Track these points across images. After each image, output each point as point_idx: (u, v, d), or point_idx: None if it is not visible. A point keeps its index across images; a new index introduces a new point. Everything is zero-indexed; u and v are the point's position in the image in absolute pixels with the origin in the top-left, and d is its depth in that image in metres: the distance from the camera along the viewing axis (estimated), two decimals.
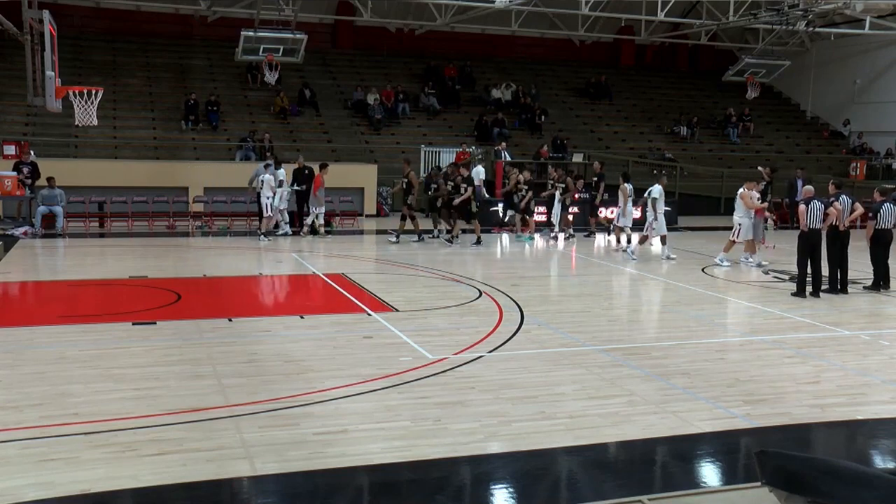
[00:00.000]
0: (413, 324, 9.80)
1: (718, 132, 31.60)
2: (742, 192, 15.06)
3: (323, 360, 8.16)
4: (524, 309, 10.78)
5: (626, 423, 6.54)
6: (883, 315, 11.24)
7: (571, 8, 26.25)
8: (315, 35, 27.05)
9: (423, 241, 17.53)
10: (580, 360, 8.36)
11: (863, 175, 28.79)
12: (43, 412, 6.44)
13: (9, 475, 5.29)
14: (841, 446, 6.72)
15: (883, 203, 12.53)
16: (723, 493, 4.69)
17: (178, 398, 6.85)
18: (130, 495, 5.15)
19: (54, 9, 15.95)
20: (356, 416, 6.53)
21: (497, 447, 6.08)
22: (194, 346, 8.63)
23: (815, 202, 12.09)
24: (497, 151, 24.23)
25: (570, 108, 31.17)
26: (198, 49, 29.30)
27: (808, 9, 23.75)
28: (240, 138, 24.73)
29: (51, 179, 17.88)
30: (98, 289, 12.12)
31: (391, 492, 5.37)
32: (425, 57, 30.92)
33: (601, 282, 13.53)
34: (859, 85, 31.74)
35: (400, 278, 13.30)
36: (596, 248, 18.39)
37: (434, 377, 7.60)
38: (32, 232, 17.49)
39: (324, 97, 28.18)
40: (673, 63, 35.68)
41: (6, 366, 7.74)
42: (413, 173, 17.97)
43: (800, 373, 8.14)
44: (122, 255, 15.19)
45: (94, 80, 22.72)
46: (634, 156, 27.43)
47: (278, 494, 5.35)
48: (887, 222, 12.47)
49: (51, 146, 22.83)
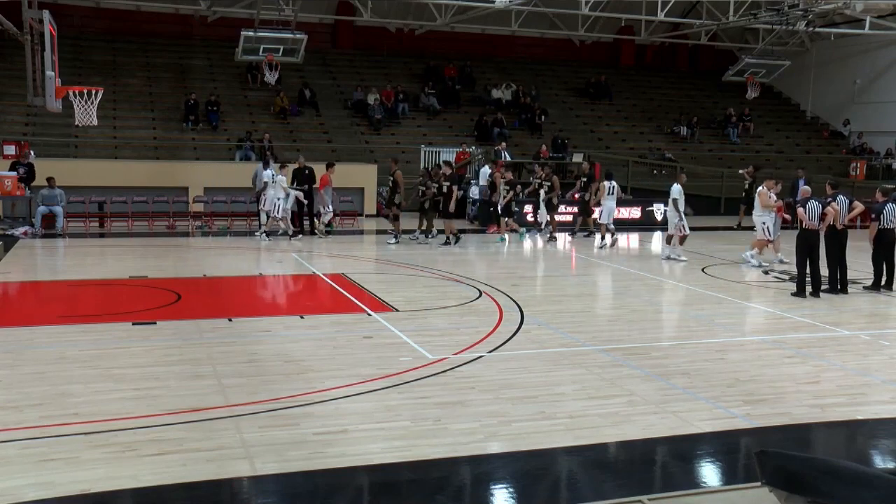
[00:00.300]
0: (413, 324, 9.80)
1: (718, 132, 31.60)
2: (760, 191, 15.32)
3: (323, 360, 8.16)
4: (524, 309, 10.78)
5: (626, 423, 6.54)
6: (883, 315, 11.24)
7: (571, 8, 26.25)
8: (315, 35, 27.05)
9: (398, 242, 17.17)
10: (580, 360, 8.36)
11: (863, 175, 28.79)
12: (43, 412, 6.44)
13: (9, 475, 5.29)
14: (841, 446, 6.72)
15: (886, 203, 12.57)
16: (723, 493, 4.70)
17: (178, 398, 6.85)
18: (130, 495, 5.15)
19: (54, 9, 15.95)
20: (356, 416, 6.53)
21: (497, 447, 6.08)
22: (194, 346, 8.63)
23: (811, 202, 12.16)
24: (497, 151, 24.23)
25: (570, 108, 31.17)
26: (198, 49, 29.30)
27: (808, 9, 23.75)
28: (238, 139, 24.72)
29: (51, 179, 17.87)
30: (98, 289, 12.12)
31: (391, 492, 5.37)
32: (425, 57, 30.92)
33: (601, 282, 13.53)
34: (859, 85, 31.74)
35: (400, 278, 13.30)
36: (596, 249, 18.39)
37: (434, 377, 7.60)
38: (32, 232, 17.49)
39: (324, 97, 28.17)
40: (673, 63, 35.67)
41: (6, 366, 7.74)
42: (399, 173, 17.98)
43: (800, 373, 8.14)
44: (122, 255, 15.19)
45: (94, 80, 22.71)
46: (634, 156, 27.43)
47: (278, 494, 5.35)
48: (890, 222, 12.49)
49: (51, 146, 22.82)
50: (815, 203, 12.14)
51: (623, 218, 22.24)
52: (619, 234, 18.20)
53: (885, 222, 12.48)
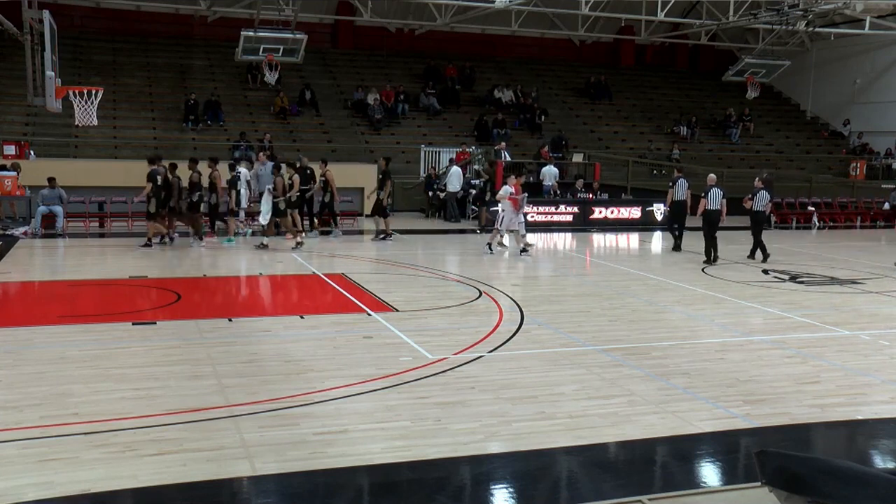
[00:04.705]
0: (413, 324, 9.79)
1: (718, 132, 31.61)
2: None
3: (323, 360, 8.16)
4: (524, 309, 10.78)
5: (626, 423, 6.54)
6: (883, 315, 11.24)
7: (571, 8, 26.27)
8: (315, 35, 27.07)
9: (301, 246, 16.39)
10: (580, 360, 8.36)
11: (863, 175, 28.81)
12: (43, 412, 6.44)
13: (9, 475, 5.29)
14: (841, 446, 6.71)
15: (759, 191, 16.06)
16: (723, 493, 4.68)
17: (178, 398, 6.85)
18: (130, 495, 5.15)
19: (54, 9, 15.98)
20: (356, 416, 6.53)
21: (497, 447, 6.08)
22: (194, 346, 8.63)
23: (714, 189, 15.64)
24: (497, 151, 24.25)
25: (570, 108, 31.17)
26: (198, 49, 29.31)
27: (808, 9, 23.76)
28: (234, 140, 24.68)
29: (51, 179, 17.85)
30: (98, 289, 12.12)
31: (391, 492, 5.36)
32: (425, 57, 30.92)
33: (601, 282, 13.52)
34: (859, 85, 31.74)
35: (400, 278, 13.30)
36: (597, 248, 18.39)
37: (434, 377, 7.60)
38: (32, 232, 17.48)
39: (324, 97, 28.18)
40: (673, 63, 35.68)
41: (6, 366, 7.74)
42: (331, 172, 18.15)
43: (800, 373, 8.14)
44: (122, 255, 15.18)
45: (94, 80, 22.75)
46: (634, 156, 27.44)
47: (278, 494, 5.34)
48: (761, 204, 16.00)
49: (51, 146, 22.84)
50: (717, 190, 15.65)
51: (623, 218, 22.26)
52: (523, 244, 16.05)
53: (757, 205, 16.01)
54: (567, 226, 21.41)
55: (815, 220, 23.46)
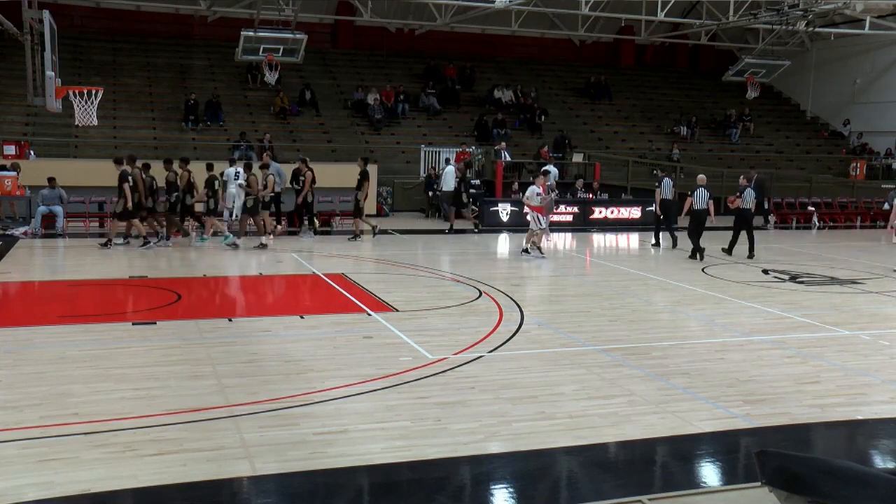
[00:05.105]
0: (413, 324, 9.79)
1: (718, 132, 31.60)
2: None
3: (323, 360, 8.16)
4: (524, 309, 10.78)
5: (626, 423, 6.54)
6: (883, 315, 11.24)
7: (571, 8, 26.27)
8: (315, 35, 27.07)
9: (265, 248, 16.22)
10: (580, 360, 8.36)
11: (863, 175, 28.81)
12: (43, 412, 6.44)
13: (9, 475, 5.29)
14: (841, 446, 6.72)
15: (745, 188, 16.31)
16: (723, 493, 4.68)
17: (178, 398, 6.85)
18: (130, 495, 5.15)
19: (54, 9, 15.98)
20: (356, 416, 6.53)
21: (497, 447, 6.08)
22: (194, 346, 8.63)
23: (701, 189, 16.07)
24: (497, 151, 24.25)
25: (570, 108, 31.17)
26: (198, 49, 29.30)
27: (808, 9, 23.76)
28: (234, 140, 24.67)
29: (51, 179, 17.84)
30: (98, 289, 12.12)
31: (391, 492, 5.36)
32: (425, 57, 30.91)
33: (601, 282, 13.53)
34: (859, 85, 31.74)
35: (400, 278, 13.30)
36: (597, 248, 18.40)
37: (434, 377, 7.60)
38: (32, 232, 17.48)
39: (324, 97, 28.17)
40: (673, 63, 35.68)
41: (6, 366, 7.74)
42: (310, 173, 18.12)
43: (800, 373, 8.14)
44: (121, 256, 15.18)
45: (94, 80, 22.74)
46: (634, 156, 27.44)
47: (278, 494, 5.34)
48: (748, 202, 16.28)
49: (51, 146, 22.83)
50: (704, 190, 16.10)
51: (623, 218, 22.28)
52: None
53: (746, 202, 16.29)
54: (567, 226, 21.42)
55: (815, 220, 23.48)
